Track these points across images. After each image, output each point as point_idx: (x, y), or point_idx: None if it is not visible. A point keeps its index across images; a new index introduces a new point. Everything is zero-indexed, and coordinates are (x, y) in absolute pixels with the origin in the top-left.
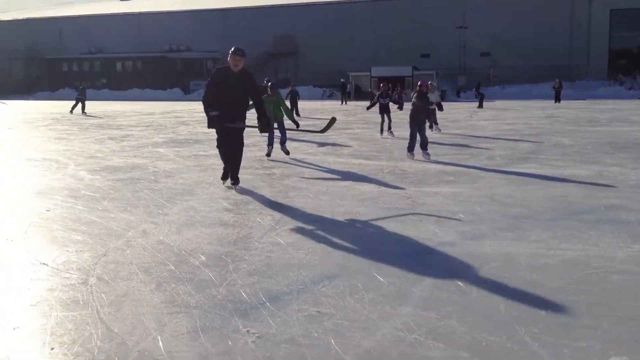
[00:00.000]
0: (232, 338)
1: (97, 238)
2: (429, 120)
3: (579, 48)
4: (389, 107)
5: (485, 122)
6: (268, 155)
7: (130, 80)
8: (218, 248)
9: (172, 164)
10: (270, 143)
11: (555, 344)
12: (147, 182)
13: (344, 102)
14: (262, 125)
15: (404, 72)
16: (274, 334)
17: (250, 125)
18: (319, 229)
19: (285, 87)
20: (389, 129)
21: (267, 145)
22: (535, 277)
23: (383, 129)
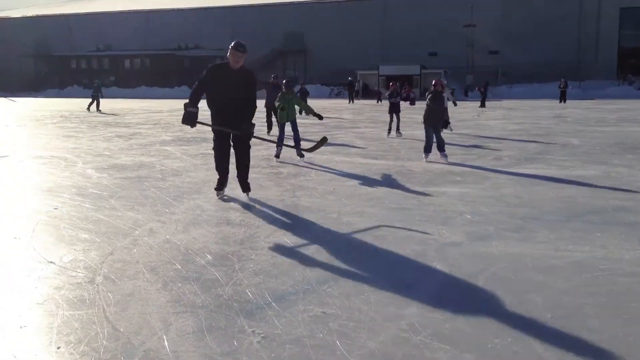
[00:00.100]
0: (237, 338)
1: (104, 237)
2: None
3: (588, 47)
4: (400, 106)
5: (493, 121)
6: (277, 157)
7: (139, 78)
8: (224, 247)
9: (179, 162)
10: (280, 144)
11: (562, 347)
12: (154, 180)
13: (352, 100)
14: (242, 131)
15: (412, 70)
16: (279, 335)
17: (228, 129)
18: (326, 229)
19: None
20: (397, 129)
21: (276, 146)
22: (542, 278)
23: (391, 129)
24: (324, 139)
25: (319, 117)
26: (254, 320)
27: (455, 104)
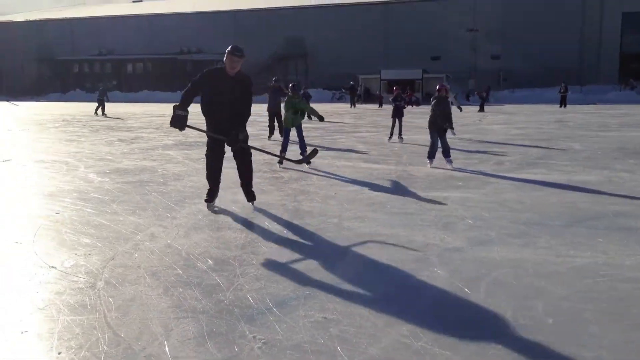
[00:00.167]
0: (238, 344)
1: (105, 241)
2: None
3: (590, 51)
4: (403, 111)
5: (495, 126)
6: (280, 163)
7: (141, 82)
8: (226, 252)
9: (181, 167)
10: (284, 149)
11: (562, 352)
12: (156, 185)
13: (353, 105)
14: (230, 139)
15: (414, 75)
16: (280, 340)
17: (218, 136)
18: (327, 234)
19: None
20: (400, 134)
21: (279, 152)
22: (543, 284)
23: (393, 133)
24: (315, 151)
25: (321, 118)
26: (255, 326)
27: (461, 109)
